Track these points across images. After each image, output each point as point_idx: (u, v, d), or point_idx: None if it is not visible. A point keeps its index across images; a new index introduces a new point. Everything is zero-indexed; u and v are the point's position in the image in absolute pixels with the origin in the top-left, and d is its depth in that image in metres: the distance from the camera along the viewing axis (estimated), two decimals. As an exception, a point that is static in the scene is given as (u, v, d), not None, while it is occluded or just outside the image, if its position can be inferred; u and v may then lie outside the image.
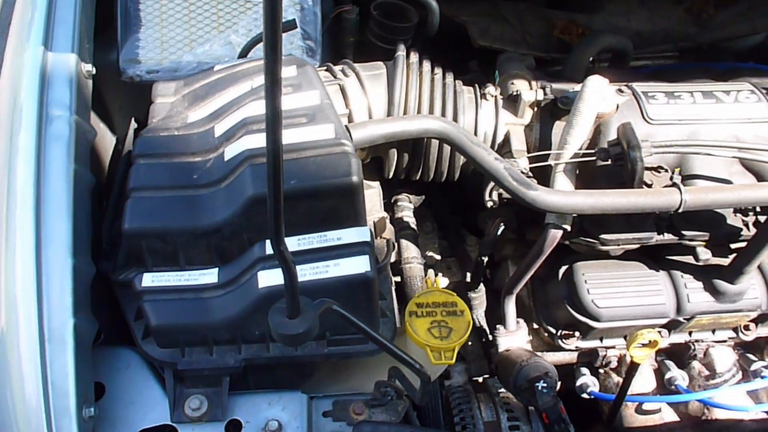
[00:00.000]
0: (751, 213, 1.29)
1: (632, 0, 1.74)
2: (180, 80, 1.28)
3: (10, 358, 1.01)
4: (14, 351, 1.01)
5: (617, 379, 1.47)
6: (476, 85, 1.39)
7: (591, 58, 1.48)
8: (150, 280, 1.08)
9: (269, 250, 1.05)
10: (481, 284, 1.50)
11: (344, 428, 1.12)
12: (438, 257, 1.54)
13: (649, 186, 1.21)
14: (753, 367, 1.43)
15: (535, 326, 1.46)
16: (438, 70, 1.36)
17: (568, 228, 1.22)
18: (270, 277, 1.03)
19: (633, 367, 1.24)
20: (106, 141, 1.40)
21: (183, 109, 1.22)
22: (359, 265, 1.03)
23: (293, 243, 1.05)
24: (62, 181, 1.08)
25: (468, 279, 1.54)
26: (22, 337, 1.01)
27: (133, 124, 1.33)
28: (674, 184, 1.18)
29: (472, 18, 1.63)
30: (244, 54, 1.33)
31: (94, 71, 1.22)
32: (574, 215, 1.22)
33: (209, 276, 1.09)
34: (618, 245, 1.29)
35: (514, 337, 1.42)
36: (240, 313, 1.05)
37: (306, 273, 1.03)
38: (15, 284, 1.02)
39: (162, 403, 1.11)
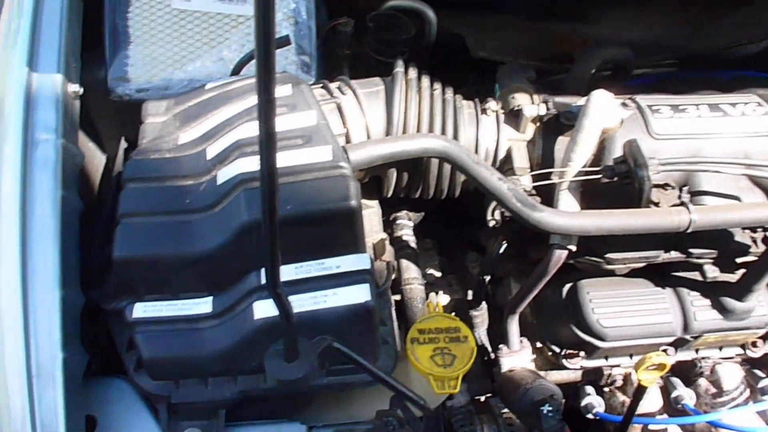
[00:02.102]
0: (759, 229, 1.25)
1: (631, 9, 1.70)
2: (171, 99, 1.24)
3: (-1, 399, 0.97)
4: (2, 387, 0.97)
5: (622, 398, 1.43)
6: (476, 100, 1.35)
7: (593, 70, 1.45)
8: (142, 310, 1.04)
9: (265, 279, 1.01)
10: (483, 302, 1.46)
11: (345, 460, 1.09)
12: (438, 274, 1.51)
13: (657, 204, 1.18)
14: (761, 384, 1.40)
15: (539, 345, 1.42)
16: (437, 86, 1.32)
17: (574, 248, 1.18)
18: (266, 308, 0.99)
19: (641, 390, 1.20)
20: (96, 162, 1.36)
21: (174, 129, 1.18)
22: (359, 294, 1.00)
23: (290, 271, 1.01)
24: (49, 208, 1.03)
25: (469, 296, 1.50)
26: (9, 372, 0.97)
27: (123, 144, 1.29)
28: (682, 203, 1.15)
29: (469, 29, 1.59)
30: (236, 71, 1.29)
31: (81, 91, 1.18)
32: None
33: (203, 305, 1.05)
34: (624, 264, 1.26)
35: (517, 357, 1.39)
36: (235, 344, 1.01)
37: (304, 303, 0.99)
38: (1, 317, 0.98)
39: (156, 437, 1.08)
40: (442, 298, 1.47)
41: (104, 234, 1.15)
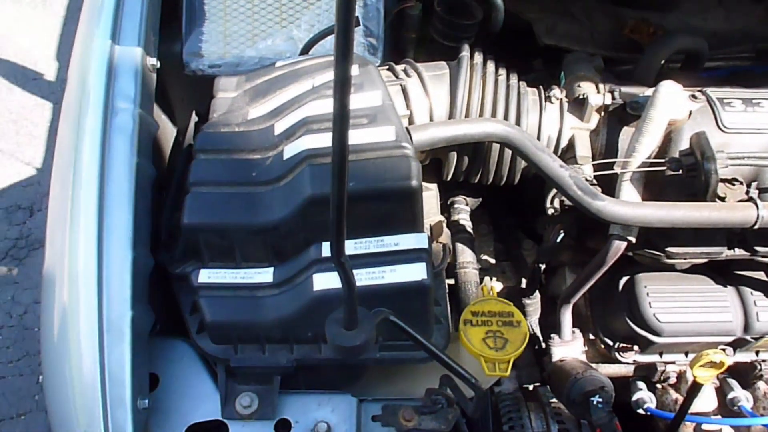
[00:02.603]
0: (831, 230, 1.21)
1: None
2: (242, 75, 1.28)
3: (72, 347, 1.03)
4: (75, 340, 1.03)
5: (675, 395, 1.41)
6: (541, 87, 1.34)
7: (663, 60, 1.41)
8: (207, 276, 1.09)
9: (326, 252, 1.04)
10: (537, 291, 1.46)
11: (393, 434, 1.11)
12: (493, 261, 1.51)
13: (723, 199, 1.15)
14: (824, 391, 1.35)
15: (592, 337, 1.41)
16: (502, 71, 1.32)
17: (633, 240, 1.17)
18: (325, 280, 1.02)
19: (695, 387, 1.18)
20: (167, 133, 1.42)
21: (244, 104, 1.22)
22: (416, 272, 1.01)
23: (350, 246, 1.04)
24: (125, 173, 1.10)
25: (523, 284, 1.50)
26: (82, 326, 1.03)
27: (194, 118, 1.34)
28: (750, 199, 1.12)
29: (537, 15, 1.58)
30: (306, 50, 1.32)
31: (158, 65, 1.23)
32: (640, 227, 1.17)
33: (264, 275, 1.09)
34: (685, 259, 1.24)
35: (568, 348, 1.38)
36: (293, 313, 1.05)
37: (362, 278, 1.01)
38: (78, 275, 1.04)
39: (213, 398, 1.12)
40: (496, 285, 1.48)
41: (174, 201, 1.20)
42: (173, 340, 1.18)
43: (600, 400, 1.20)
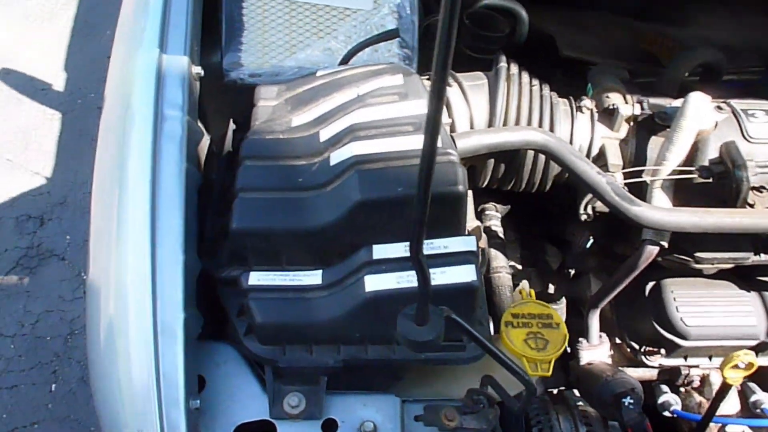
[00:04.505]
0: None
1: (722, 12, 1.71)
2: (282, 84, 1.31)
3: (119, 349, 1.04)
4: (123, 342, 1.04)
5: (699, 399, 1.45)
6: (571, 98, 1.39)
7: (686, 73, 1.47)
8: (256, 278, 1.11)
9: (376, 255, 1.07)
10: (563, 296, 1.50)
11: (436, 433, 1.13)
12: (519, 267, 1.55)
13: (752, 206, 1.20)
14: (844, 393, 1.39)
15: (618, 341, 1.45)
16: (535, 82, 1.36)
17: (666, 245, 1.21)
18: (377, 282, 1.05)
19: (724, 388, 1.21)
20: (202, 141, 1.44)
21: (286, 112, 1.25)
22: (466, 274, 1.04)
23: (400, 249, 1.07)
24: (176, 178, 1.11)
25: (548, 290, 1.54)
26: (132, 328, 1.04)
27: (232, 125, 1.37)
28: (779, 205, 1.17)
29: (558, 28, 1.63)
30: (346, 60, 1.35)
31: (202, 73, 1.26)
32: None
33: (313, 277, 1.11)
34: (713, 264, 1.28)
35: (596, 351, 1.41)
36: (344, 314, 1.07)
37: (412, 279, 1.04)
38: (128, 277, 1.06)
39: (260, 399, 1.14)
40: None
41: (217, 207, 1.23)
42: (217, 343, 1.20)
43: (631, 401, 1.23)
